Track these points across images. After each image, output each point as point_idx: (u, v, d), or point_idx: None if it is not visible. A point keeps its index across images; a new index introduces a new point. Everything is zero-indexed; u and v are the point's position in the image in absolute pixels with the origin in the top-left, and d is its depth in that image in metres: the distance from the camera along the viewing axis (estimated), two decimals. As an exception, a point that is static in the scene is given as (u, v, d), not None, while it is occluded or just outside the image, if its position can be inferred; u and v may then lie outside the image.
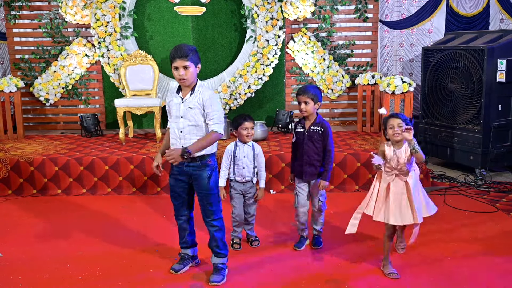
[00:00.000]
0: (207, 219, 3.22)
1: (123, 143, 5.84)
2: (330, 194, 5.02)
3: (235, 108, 6.69)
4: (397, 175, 3.16)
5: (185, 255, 3.39)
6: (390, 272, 3.23)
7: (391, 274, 3.22)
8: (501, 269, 3.32)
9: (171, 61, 3.05)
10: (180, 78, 3.04)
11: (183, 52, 3.00)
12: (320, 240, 3.75)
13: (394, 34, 7.05)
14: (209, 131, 3.08)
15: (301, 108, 3.51)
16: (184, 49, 3.01)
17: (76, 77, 6.80)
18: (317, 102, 3.52)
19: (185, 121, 3.09)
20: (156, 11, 6.69)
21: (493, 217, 4.31)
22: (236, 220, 3.72)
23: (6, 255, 3.63)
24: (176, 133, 3.13)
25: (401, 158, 3.12)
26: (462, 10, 6.93)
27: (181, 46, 3.05)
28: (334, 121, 7.06)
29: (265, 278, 3.24)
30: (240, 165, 3.62)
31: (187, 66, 3.02)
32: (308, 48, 6.72)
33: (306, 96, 3.47)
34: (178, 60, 3.01)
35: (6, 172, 5.13)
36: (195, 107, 3.08)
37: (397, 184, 3.16)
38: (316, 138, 3.53)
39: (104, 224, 4.28)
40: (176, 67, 3.04)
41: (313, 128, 3.54)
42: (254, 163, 3.66)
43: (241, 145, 3.64)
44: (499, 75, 5.27)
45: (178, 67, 3.02)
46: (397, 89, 5.39)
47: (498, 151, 5.44)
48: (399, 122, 3.11)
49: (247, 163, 3.62)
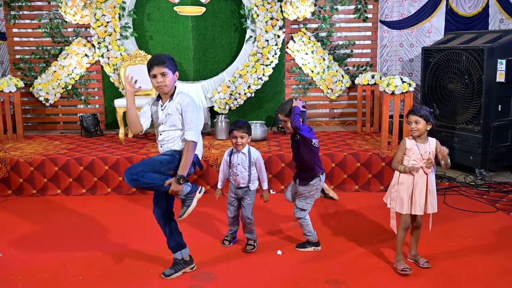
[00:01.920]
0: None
1: (123, 143, 5.84)
2: (330, 194, 5.03)
3: (234, 108, 6.69)
4: (421, 167, 3.20)
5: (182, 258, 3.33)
6: (403, 267, 3.22)
7: (404, 269, 3.21)
8: (501, 269, 3.32)
9: (149, 69, 3.10)
10: (158, 85, 3.10)
11: (160, 60, 3.06)
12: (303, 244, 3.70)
13: (394, 34, 7.05)
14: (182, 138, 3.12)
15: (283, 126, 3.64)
16: (161, 57, 3.09)
17: (76, 77, 6.79)
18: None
19: (164, 126, 3.17)
20: (156, 11, 6.69)
21: (493, 217, 4.31)
22: (229, 219, 3.74)
23: (6, 255, 3.63)
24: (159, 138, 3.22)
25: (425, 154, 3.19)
26: (462, 10, 6.94)
27: (157, 54, 3.13)
28: (334, 121, 7.06)
29: (265, 277, 3.24)
30: (235, 172, 3.59)
31: (165, 73, 3.07)
32: (308, 48, 6.72)
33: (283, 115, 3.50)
34: (155, 68, 3.06)
35: (6, 172, 5.13)
36: (173, 113, 3.13)
37: (421, 177, 3.21)
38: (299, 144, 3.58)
39: (104, 224, 4.27)
40: (154, 75, 3.08)
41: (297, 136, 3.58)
42: (249, 170, 3.57)
43: (235, 152, 3.60)
44: (499, 75, 5.28)
45: (156, 75, 3.07)
46: (397, 89, 5.39)
47: (498, 151, 5.44)
48: (415, 118, 3.17)
49: (241, 170, 3.56)
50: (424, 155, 3.20)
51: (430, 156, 3.20)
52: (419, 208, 3.23)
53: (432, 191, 3.24)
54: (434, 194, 3.26)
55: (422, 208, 3.23)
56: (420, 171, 3.21)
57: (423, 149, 3.21)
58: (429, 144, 3.23)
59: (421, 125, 3.17)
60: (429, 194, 3.22)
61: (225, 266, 3.41)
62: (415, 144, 3.23)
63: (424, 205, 3.23)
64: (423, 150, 3.21)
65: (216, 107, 6.56)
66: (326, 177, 3.77)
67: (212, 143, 5.76)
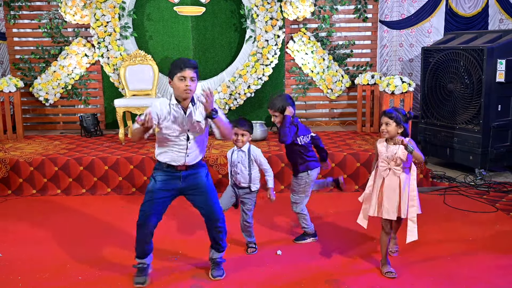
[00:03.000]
0: (214, 224, 3.16)
1: (122, 143, 5.84)
2: (330, 194, 5.03)
3: (234, 108, 6.69)
4: (391, 169, 3.17)
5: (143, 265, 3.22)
6: (387, 271, 3.24)
7: (388, 273, 3.22)
8: (501, 269, 3.32)
9: (178, 71, 2.90)
10: (186, 89, 2.91)
11: (193, 64, 2.92)
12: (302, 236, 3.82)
13: (393, 34, 7.05)
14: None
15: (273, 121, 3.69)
16: (192, 61, 2.94)
17: (75, 77, 6.79)
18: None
19: (192, 134, 3.03)
20: (156, 11, 6.69)
21: (493, 217, 4.31)
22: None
23: (6, 255, 3.63)
24: (181, 145, 3.02)
25: (392, 153, 3.14)
26: (461, 10, 6.94)
27: (187, 58, 3.00)
28: (334, 121, 7.06)
29: (265, 277, 3.24)
30: (236, 170, 3.56)
31: (194, 78, 2.94)
32: (307, 48, 6.72)
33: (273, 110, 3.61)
34: (187, 70, 2.89)
35: (5, 172, 5.12)
36: (201, 119, 3.03)
37: (391, 179, 3.17)
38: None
39: (104, 224, 4.27)
40: (184, 77, 2.90)
41: None
42: (249, 169, 3.54)
43: (235, 150, 3.59)
44: (499, 75, 5.28)
45: (186, 77, 2.90)
46: (396, 89, 5.40)
47: (497, 151, 5.44)
48: (386, 120, 3.15)
49: (241, 168, 3.53)
50: (390, 157, 3.16)
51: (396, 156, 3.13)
52: (387, 213, 3.16)
53: (404, 194, 3.13)
54: (405, 197, 3.14)
55: (391, 212, 3.15)
56: (390, 173, 3.16)
57: (391, 151, 3.15)
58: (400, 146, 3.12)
59: (391, 127, 3.12)
60: (402, 198, 3.13)
61: (225, 266, 3.40)
62: (385, 145, 3.20)
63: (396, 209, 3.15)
64: (390, 153, 3.15)
65: (216, 107, 6.55)
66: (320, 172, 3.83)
67: (212, 143, 5.76)
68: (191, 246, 3.72)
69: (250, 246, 3.68)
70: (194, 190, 3.13)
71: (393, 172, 3.16)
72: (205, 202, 3.14)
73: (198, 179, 3.12)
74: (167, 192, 3.10)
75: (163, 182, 3.08)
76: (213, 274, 3.24)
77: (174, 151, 3.04)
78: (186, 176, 3.09)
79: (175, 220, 4.26)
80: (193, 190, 3.12)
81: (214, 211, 3.16)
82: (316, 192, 4.67)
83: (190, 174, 3.09)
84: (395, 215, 3.17)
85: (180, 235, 3.97)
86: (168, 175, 3.08)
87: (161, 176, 3.09)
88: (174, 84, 2.95)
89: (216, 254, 3.30)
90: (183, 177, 3.08)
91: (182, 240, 3.86)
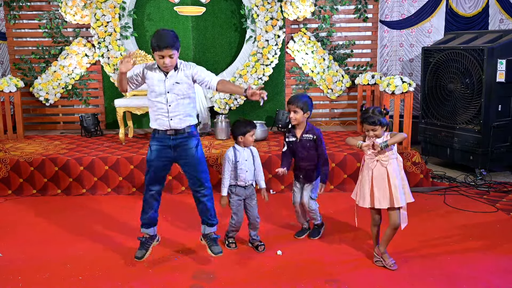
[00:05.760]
0: (199, 189, 3.35)
1: (123, 143, 5.84)
2: (330, 194, 5.04)
3: (235, 108, 6.69)
4: (378, 161, 3.25)
5: (144, 237, 3.42)
6: (377, 260, 3.39)
7: (378, 262, 3.37)
8: (501, 269, 3.32)
9: (156, 49, 3.08)
10: (165, 66, 3.13)
11: (170, 42, 3.06)
12: (319, 231, 3.88)
13: (394, 34, 7.05)
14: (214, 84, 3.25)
15: (291, 117, 3.63)
16: (169, 38, 3.06)
17: (76, 77, 6.80)
18: (306, 111, 3.61)
19: (171, 95, 3.19)
20: (156, 11, 6.69)
21: (493, 217, 4.31)
22: (234, 226, 3.68)
23: (6, 255, 3.63)
24: (163, 108, 3.22)
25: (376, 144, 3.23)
26: (462, 10, 6.94)
27: (165, 34, 3.08)
28: (334, 121, 7.06)
29: (265, 277, 3.24)
30: (243, 169, 3.57)
31: (173, 54, 3.11)
32: (308, 48, 6.72)
33: (295, 106, 3.58)
34: (164, 50, 3.07)
35: (6, 172, 5.13)
36: (183, 82, 3.21)
37: (379, 170, 3.26)
38: (309, 146, 3.67)
39: (104, 224, 4.27)
40: (162, 56, 3.09)
41: (305, 136, 3.66)
42: (254, 165, 3.65)
43: (241, 149, 3.61)
44: (499, 75, 5.27)
45: (164, 56, 3.09)
46: (397, 89, 5.39)
47: (498, 151, 5.44)
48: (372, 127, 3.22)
49: (249, 166, 3.60)
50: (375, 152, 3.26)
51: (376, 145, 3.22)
52: (378, 202, 3.26)
53: (395, 184, 3.23)
54: (397, 187, 3.23)
55: (383, 202, 3.25)
56: (377, 165, 3.26)
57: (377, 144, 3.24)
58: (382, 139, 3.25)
59: (378, 131, 3.24)
60: (392, 187, 3.22)
61: (225, 266, 3.41)
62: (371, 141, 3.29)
63: (389, 199, 3.24)
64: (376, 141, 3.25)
65: (216, 107, 6.56)
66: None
67: (212, 143, 5.76)
68: (191, 247, 3.72)
69: (261, 244, 3.69)
70: (185, 160, 3.33)
71: (380, 163, 3.26)
72: (192, 172, 3.34)
73: (188, 151, 3.31)
74: (162, 161, 3.33)
75: (157, 151, 3.31)
76: (213, 251, 3.35)
77: (158, 115, 3.26)
78: (176, 145, 3.28)
79: (175, 221, 4.27)
80: (183, 160, 3.33)
81: (199, 180, 3.35)
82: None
83: (180, 143, 3.28)
84: (386, 204, 3.26)
85: (181, 236, 3.96)
86: (160, 144, 3.30)
87: (155, 146, 3.31)
88: (155, 57, 3.16)
89: (207, 228, 3.42)
90: (173, 146, 3.28)
91: (182, 241, 3.85)
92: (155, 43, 3.07)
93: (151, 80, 3.23)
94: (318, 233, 3.88)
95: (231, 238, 3.73)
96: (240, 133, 3.60)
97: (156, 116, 3.27)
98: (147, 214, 3.40)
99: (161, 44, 3.05)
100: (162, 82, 3.19)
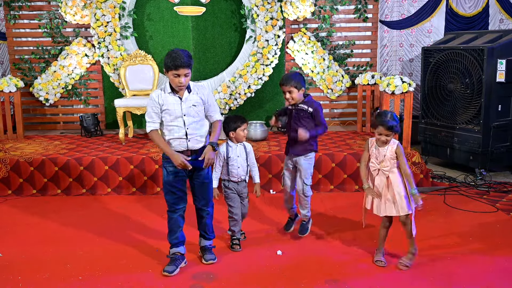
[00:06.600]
0: (205, 208, 3.43)
1: (123, 143, 5.84)
2: (330, 194, 5.04)
3: (235, 108, 6.69)
4: (380, 170, 3.29)
5: (176, 254, 3.38)
6: (377, 259, 3.38)
7: (378, 261, 3.37)
8: (501, 269, 3.32)
9: (172, 68, 3.11)
10: (180, 85, 3.16)
11: (187, 62, 3.10)
12: (306, 227, 3.83)
13: (393, 34, 7.05)
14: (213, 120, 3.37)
15: (287, 98, 3.63)
16: (186, 58, 3.11)
17: (76, 77, 6.79)
18: (301, 88, 3.61)
19: (189, 118, 3.22)
20: (156, 11, 6.69)
21: (493, 217, 4.31)
22: (234, 219, 3.70)
23: (6, 255, 3.63)
24: (181, 131, 3.22)
25: (380, 156, 3.26)
26: (462, 10, 6.94)
27: (181, 54, 3.12)
28: (334, 121, 7.06)
29: (265, 277, 3.24)
30: (235, 165, 3.63)
31: (188, 74, 3.16)
32: (308, 48, 6.72)
33: (289, 86, 3.58)
34: (181, 70, 3.10)
35: (6, 172, 5.13)
36: (199, 104, 3.25)
37: (380, 178, 3.30)
38: (303, 116, 3.63)
39: (104, 224, 4.27)
40: (177, 75, 3.12)
41: (301, 106, 3.64)
42: (247, 161, 3.69)
43: (233, 145, 3.66)
44: (499, 75, 5.28)
45: (180, 75, 3.12)
46: (397, 89, 5.39)
47: (498, 151, 5.44)
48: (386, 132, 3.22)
49: (241, 162, 3.65)
50: (379, 158, 3.27)
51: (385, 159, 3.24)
52: (376, 209, 3.33)
53: (399, 192, 3.24)
54: (402, 195, 3.24)
55: (381, 210, 3.30)
56: (379, 174, 3.29)
57: (381, 153, 3.27)
58: (388, 148, 3.25)
59: (390, 137, 3.25)
60: (397, 196, 3.24)
61: (225, 266, 3.41)
62: (375, 147, 3.31)
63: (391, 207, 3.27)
64: (381, 154, 3.27)
65: (216, 107, 6.55)
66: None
67: (212, 143, 5.76)
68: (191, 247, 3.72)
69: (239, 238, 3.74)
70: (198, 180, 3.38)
71: (382, 172, 3.28)
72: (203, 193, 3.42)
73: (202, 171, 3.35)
74: (180, 180, 3.32)
75: (174, 173, 3.29)
76: (205, 258, 3.44)
77: (175, 138, 3.24)
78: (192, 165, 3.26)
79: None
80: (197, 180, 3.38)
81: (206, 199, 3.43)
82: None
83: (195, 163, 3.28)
84: (384, 212, 3.31)
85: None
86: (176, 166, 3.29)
87: (171, 167, 3.29)
88: (168, 76, 3.17)
89: (203, 241, 3.51)
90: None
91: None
92: (170, 62, 3.09)
93: (166, 104, 3.21)
94: (306, 229, 3.84)
95: (236, 240, 3.73)
96: (231, 129, 3.63)
97: (172, 139, 3.25)
98: (176, 233, 3.39)
99: (177, 63, 3.08)
100: (178, 105, 3.21)
